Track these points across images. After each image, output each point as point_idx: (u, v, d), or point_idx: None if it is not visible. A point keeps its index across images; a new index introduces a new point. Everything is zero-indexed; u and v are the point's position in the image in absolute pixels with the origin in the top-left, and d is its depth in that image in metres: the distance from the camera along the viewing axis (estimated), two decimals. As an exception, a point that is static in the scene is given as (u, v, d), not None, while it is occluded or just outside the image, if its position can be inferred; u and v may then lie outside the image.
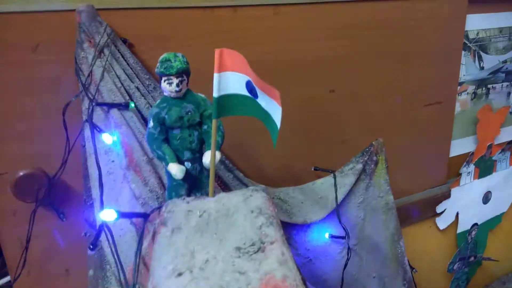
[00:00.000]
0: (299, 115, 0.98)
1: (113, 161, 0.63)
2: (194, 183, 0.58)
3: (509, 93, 1.34)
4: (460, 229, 1.33)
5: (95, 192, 0.62)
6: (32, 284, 0.78)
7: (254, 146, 0.98)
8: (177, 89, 0.52)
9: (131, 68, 0.68)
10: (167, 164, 0.53)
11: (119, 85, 0.66)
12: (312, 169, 0.98)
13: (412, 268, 1.07)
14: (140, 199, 0.59)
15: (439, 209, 1.28)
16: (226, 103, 0.49)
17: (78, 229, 0.72)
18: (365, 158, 0.92)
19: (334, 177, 0.93)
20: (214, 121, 0.50)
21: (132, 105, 0.64)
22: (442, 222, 1.32)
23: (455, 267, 1.28)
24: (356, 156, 0.93)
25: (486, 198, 1.38)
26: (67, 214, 0.76)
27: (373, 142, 0.92)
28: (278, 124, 0.49)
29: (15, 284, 0.74)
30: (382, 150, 0.93)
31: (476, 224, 1.31)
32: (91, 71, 0.64)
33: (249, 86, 0.48)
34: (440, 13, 1.08)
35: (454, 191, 1.29)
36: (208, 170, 0.55)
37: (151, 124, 0.54)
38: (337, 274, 0.99)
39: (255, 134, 0.90)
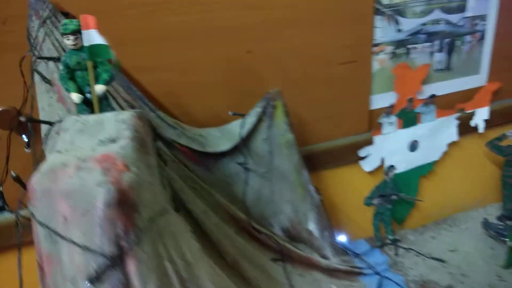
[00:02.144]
0: (224, 73, 1.24)
1: (51, 97, 0.93)
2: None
3: (431, 52, 1.51)
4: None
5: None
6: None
7: (189, 97, 1.25)
8: (73, 43, 0.80)
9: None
10: (69, 93, 0.82)
11: (57, 45, 0.95)
12: (230, 114, 1.23)
13: (318, 193, 1.31)
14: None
15: (362, 153, 1.50)
16: (95, 50, 0.76)
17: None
18: (264, 104, 1.17)
19: (244, 118, 1.19)
20: (89, 63, 0.78)
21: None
22: (367, 165, 1.53)
23: (374, 201, 1.49)
24: (258, 102, 1.18)
25: (413, 147, 1.58)
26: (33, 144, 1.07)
27: (270, 91, 1.17)
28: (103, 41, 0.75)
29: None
30: (280, 97, 1.18)
31: (392, 166, 1.51)
32: (36, 36, 0.94)
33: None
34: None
35: (378, 139, 1.50)
36: (105, 99, 0.84)
37: (61, 67, 0.83)
38: (250, 196, 1.26)
39: (188, 86, 1.18)
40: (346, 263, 1.39)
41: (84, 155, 0.69)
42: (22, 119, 0.88)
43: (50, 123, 0.84)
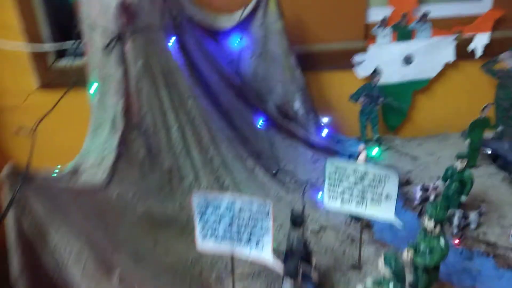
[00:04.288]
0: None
1: None
2: None
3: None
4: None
5: None
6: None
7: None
8: None
9: None
10: None
11: None
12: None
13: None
14: None
15: (356, 59, 1.78)
16: None
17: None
18: (260, -5, 1.54)
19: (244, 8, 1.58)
20: None
21: None
22: (361, 72, 1.81)
23: (360, 99, 1.75)
24: (257, -5, 1.56)
25: (407, 60, 1.80)
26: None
27: (263, -17, 1.53)
28: None
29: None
30: (272, -7, 1.54)
31: (375, 71, 1.75)
32: None
33: None
34: None
35: (372, 48, 1.77)
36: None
37: None
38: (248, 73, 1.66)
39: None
40: (326, 142, 1.72)
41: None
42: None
43: None
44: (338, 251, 1.25)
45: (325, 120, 1.76)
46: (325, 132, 1.73)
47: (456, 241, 1.26)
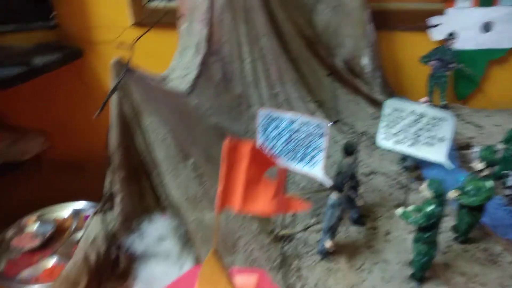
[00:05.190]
0: None
1: None
2: None
3: None
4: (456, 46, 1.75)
5: None
6: None
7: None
8: None
9: None
10: None
11: None
12: None
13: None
14: None
15: (432, 21, 1.77)
16: None
17: None
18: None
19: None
20: None
21: None
22: (435, 35, 1.80)
23: (431, 63, 1.75)
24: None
25: (486, 27, 1.76)
26: None
27: None
28: None
29: None
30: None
31: (452, 34, 1.73)
32: None
33: None
34: None
35: (450, 11, 1.74)
36: None
37: None
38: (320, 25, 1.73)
39: None
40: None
41: None
42: None
43: None
44: (385, 193, 1.31)
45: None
46: (390, 93, 1.76)
47: (507, 201, 1.27)
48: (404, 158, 1.46)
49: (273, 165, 0.64)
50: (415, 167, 1.42)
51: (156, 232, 0.93)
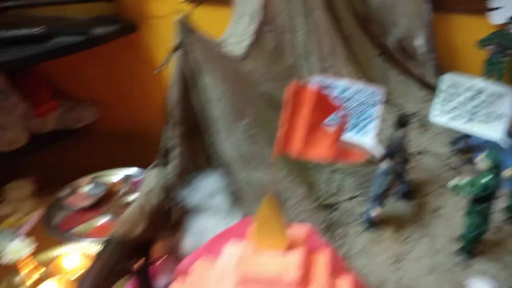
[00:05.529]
0: None
1: None
2: None
3: None
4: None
5: None
6: None
7: None
8: None
9: None
10: None
11: None
12: None
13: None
14: None
15: (492, 3, 1.70)
16: None
17: None
18: None
19: None
20: None
21: None
22: (496, 17, 1.72)
23: (489, 47, 1.67)
24: None
25: (554, 10, 1.66)
26: None
27: None
28: None
29: None
30: None
31: None
32: None
33: None
34: None
35: (515, -8, 1.66)
36: None
37: None
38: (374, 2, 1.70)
39: None
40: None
41: None
42: None
43: None
44: (435, 173, 1.29)
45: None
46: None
47: None
48: (456, 140, 1.42)
49: (337, 111, 0.65)
50: (467, 150, 1.38)
51: (208, 188, 0.96)
